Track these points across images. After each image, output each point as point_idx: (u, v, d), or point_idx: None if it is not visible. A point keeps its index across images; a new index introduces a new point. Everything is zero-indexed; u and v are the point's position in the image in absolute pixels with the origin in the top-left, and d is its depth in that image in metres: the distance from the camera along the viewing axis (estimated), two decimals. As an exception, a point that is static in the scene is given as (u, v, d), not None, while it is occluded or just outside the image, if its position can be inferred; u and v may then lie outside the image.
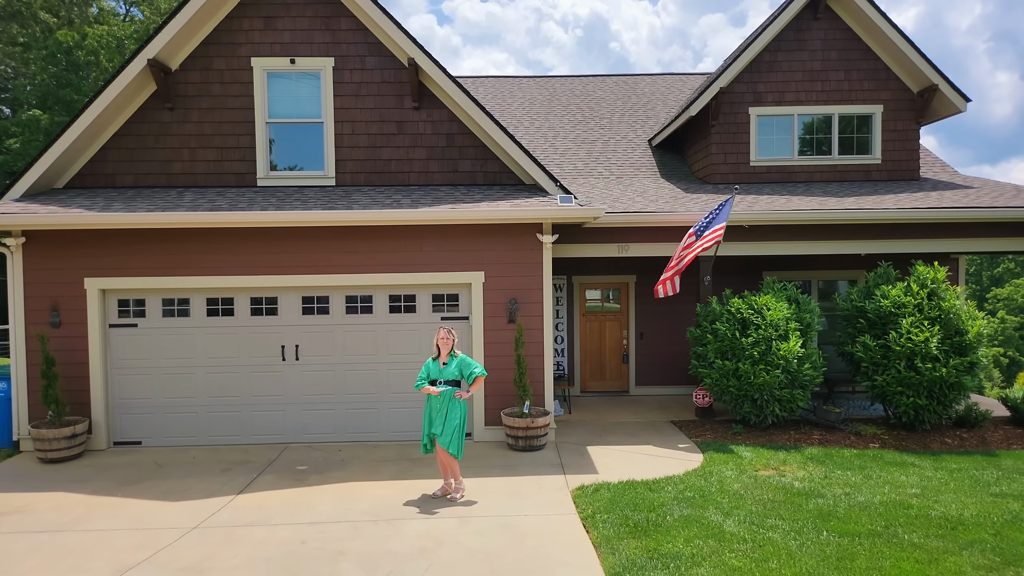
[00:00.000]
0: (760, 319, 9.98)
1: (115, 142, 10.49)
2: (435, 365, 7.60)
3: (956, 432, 10.27)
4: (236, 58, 10.57)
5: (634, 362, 13.80)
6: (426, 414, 7.60)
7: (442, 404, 7.47)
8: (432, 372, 7.58)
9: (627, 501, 7.26)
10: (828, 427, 10.46)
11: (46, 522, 7.00)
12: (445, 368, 7.55)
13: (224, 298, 10.04)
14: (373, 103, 10.69)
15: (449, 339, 7.64)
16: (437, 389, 7.45)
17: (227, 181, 10.62)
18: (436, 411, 7.49)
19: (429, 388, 7.49)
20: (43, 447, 9.01)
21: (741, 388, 9.97)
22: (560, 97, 18.39)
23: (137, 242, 9.74)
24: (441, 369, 7.55)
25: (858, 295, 10.73)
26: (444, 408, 7.46)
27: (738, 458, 8.96)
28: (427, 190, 10.54)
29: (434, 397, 7.47)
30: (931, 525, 6.66)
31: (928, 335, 9.67)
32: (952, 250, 11.57)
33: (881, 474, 8.30)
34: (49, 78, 28.81)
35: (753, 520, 6.75)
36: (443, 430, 7.43)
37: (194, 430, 9.99)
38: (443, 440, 7.44)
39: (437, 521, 6.89)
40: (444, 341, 7.63)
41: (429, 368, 7.62)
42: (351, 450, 9.65)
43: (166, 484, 8.19)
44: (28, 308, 9.65)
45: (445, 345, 7.61)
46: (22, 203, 9.63)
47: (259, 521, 6.93)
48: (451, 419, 7.45)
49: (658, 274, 13.40)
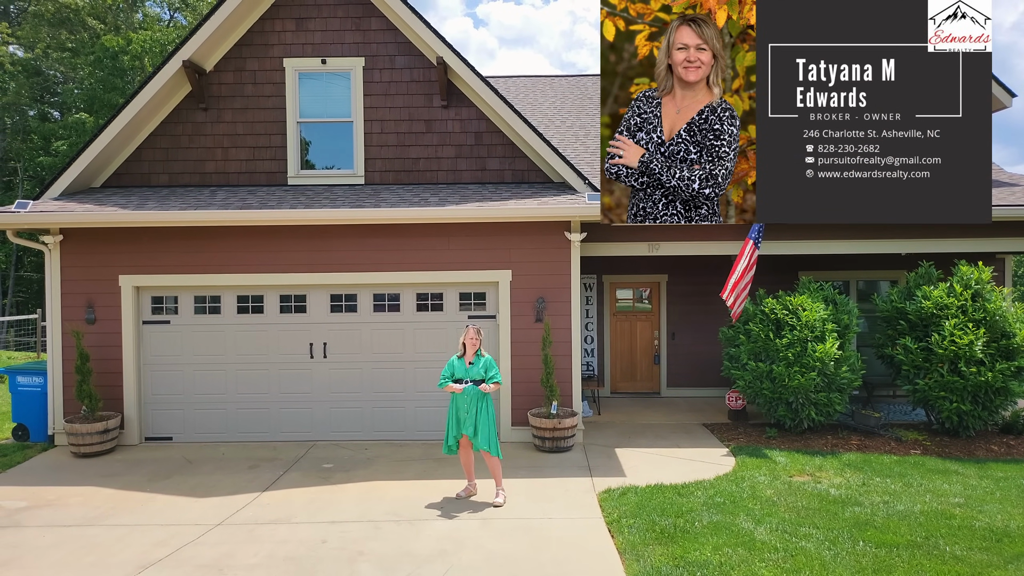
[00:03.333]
0: (795, 320, 9.70)
1: (150, 142, 10.66)
2: (460, 364, 7.43)
3: (1003, 439, 9.86)
4: (269, 59, 10.67)
5: (665, 363, 13.58)
6: (451, 414, 7.40)
7: (470, 404, 7.28)
8: (457, 371, 7.40)
9: (655, 506, 7.09)
10: (867, 432, 10.13)
11: (74, 516, 7.09)
12: (471, 367, 7.37)
13: (254, 295, 10.11)
14: (402, 102, 10.69)
15: (477, 339, 7.45)
16: (460, 387, 7.28)
17: (258, 180, 10.71)
18: (464, 411, 7.30)
19: (453, 386, 7.32)
20: (76, 442, 9.16)
21: (775, 391, 9.70)
22: (592, 96, 18.18)
23: (170, 240, 9.86)
24: (467, 368, 7.37)
25: (898, 296, 10.37)
26: (473, 407, 7.28)
27: (772, 463, 8.71)
28: (455, 188, 10.48)
29: (460, 396, 7.30)
30: (975, 537, 6.36)
31: (973, 338, 9.29)
32: (997, 250, 11.12)
33: (922, 482, 7.98)
34: (96, 82, 29.58)
35: (786, 528, 6.53)
36: (476, 431, 7.26)
37: (224, 426, 10.09)
38: (480, 442, 7.26)
39: (459, 522, 6.81)
40: (472, 341, 7.43)
41: (454, 366, 7.43)
42: (377, 448, 9.64)
43: (194, 480, 8.26)
44: (65, 305, 9.82)
45: (473, 345, 7.43)
46: (60, 201, 9.83)
47: (282, 519, 6.94)
48: (482, 419, 7.28)
49: (689, 273, 13.26)
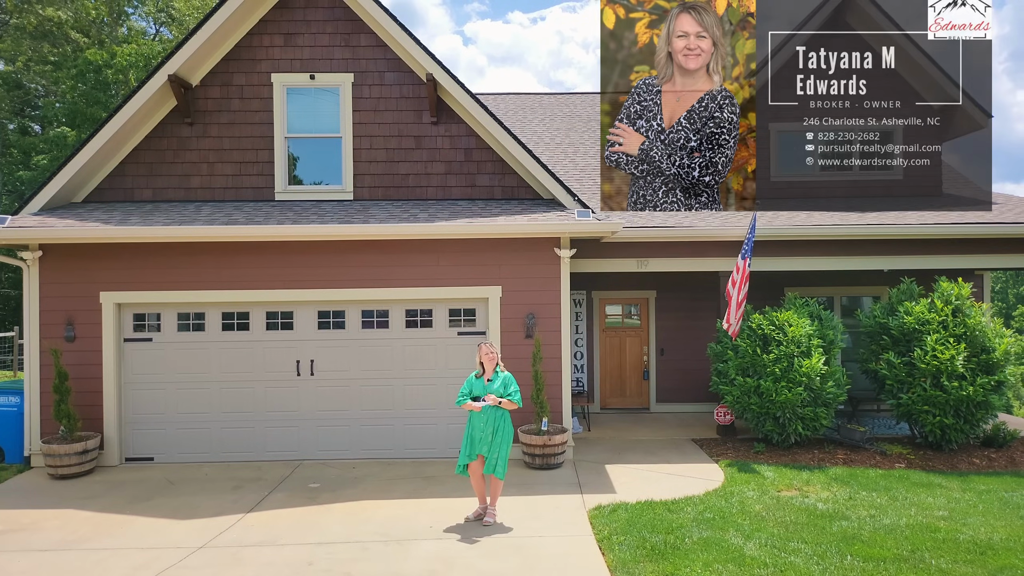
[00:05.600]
0: (782, 335, 9.77)
1: (134, 156, 10.56)
2: (479, 382, 7.23)
3: (984, 452, 9.96)
4: (256, 74, 10.63)
5: (655, 379, 13.59)
6: (467, 433, 7.18)
7: (487, 423, 7.08)
8: (476, 388, 7.19)
9: (645, 522, 7.08)
10: (852, 446, 10.19)
11: (51, 540, 6.91)
12: (490, 385, 7.18)
13: (240, 312, 10.01)
14: (392, 118, 10.69)
15: (493, 354, 7.29)
16: (480, 405, 7.09)
17: (245, 195, 10.64)
18: (481, 430, 7.08)
19: (472, 404, 7.11)
20: (54, 463, 8.96)
21: (763, 406, 9.74)
22: (581, 113, 18.29)
23: (154, 256, 9.75)
24: (486, 386, 7.18)
25: (881, 312, 10.48)
26: (491, 427, 7.08)
27: (760, 478, 8.73)
28: (444, 204, 10.48)
29: (477, 415, 7.10)
30: (959, 550, 6.41)
31: (954, 353, 9.40)
32: (976, 266, 11.32)
33: (907, 495, 8.03)
34: (78, 96, 29.30)
35: (775, 543, 6.54)
36: (489, 450, 7.08)
37: (207, 446, 9.94)
38: (490, 462, 7.09)
39: (449, 542, 6.74)
40: (489, 357, 7.26)
41: (472, 384, 7.24)
42: (366, 467, 9.54)
43: (176, 501, 8.11)
44: (43, 322, 9.66)
45: (490, 361, 7.26)
46: (39, 217, 9.70)
47: (267, 541, 6.83)
48: (499, 439, 7.11)
49: (678, 289, 13.30)
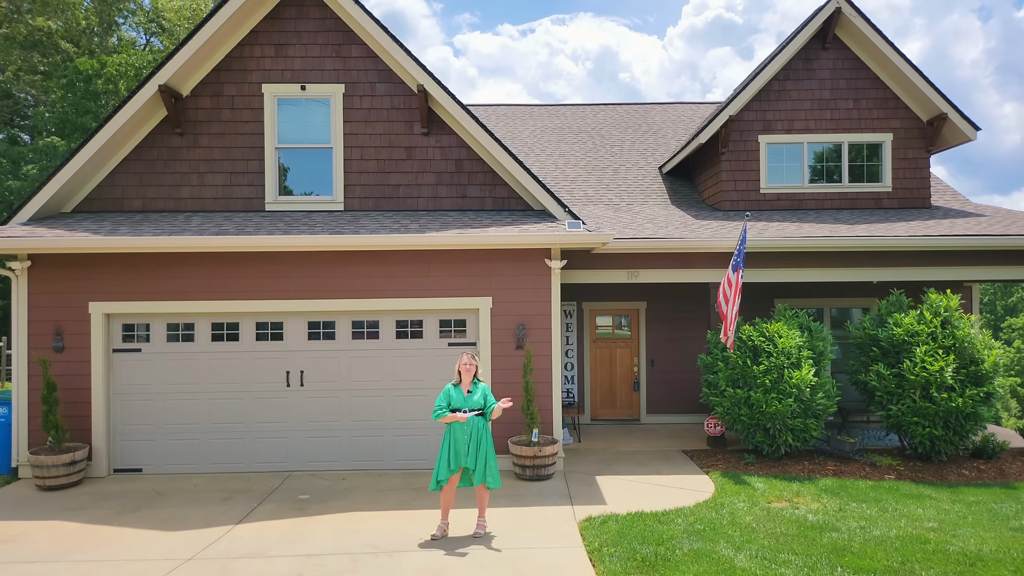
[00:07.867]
0: (772, 347, 9.81)
1: (124, 167, 10.54)
2: (457, 392, 7.07)
3: (973, 463, 10.01)
4: (247, 84, 10.65)
5: (645, 390, 13.61)
6: (446, 446, 6.97)
7: (470, 435, 6.97)
8: (455, 400, 7.02)
9: (635, 534, 7.06)
10: (842, 458, 10.22)
11: (38, 552, 6.84)
12: (469, 396, 7.05)
13: (229, 323, 9.97)
14: (382, 129, 10.72)
15: (472, 365, 7.16)
16: (464, 416, 6.95)
17: (235, 206, 10.62)
18: (463, 443, 6.93)
19: (456, 416, 6.94)
20: (41, 474, 8.89)
21: (753, 417, 9.76)
22: (571, 125, 18.42)
23: (143, 266, 9.71)
24: (465, 397, 7.04)
25: (871, 323, 10.54)
26: (475, 439, 6.98)
27: (750, 489, 8.74)
28: (435, 215, 10.50)
29: (459, 427, 6.93)
30: (949, 561, 6.42)
31: (943, 364, 9.46)
32: (965, 278, 11.40)
33: (897, 507, 8.06)
34: (68, 106, 29.20)
35: (765, 555, 6.54)
36: (476, 463, 6.97)
37: (196, 457, 9.87)
38: (479, 474, 6.98)
39: (439, 554, 6.70)
40: (467, 367, 7.13)
41: (450, 395, 7.05)
42: (355, 478, 9.49)
43: (164, 513, 8.04)
44: (32, 332, 9.59)
45: (468, 372, 7.14)
46: (28, 227, 9.65)
47: (256, 553, 6.77)
48: (483, 449, 7.00)
49: (669, 300, 13.37)
